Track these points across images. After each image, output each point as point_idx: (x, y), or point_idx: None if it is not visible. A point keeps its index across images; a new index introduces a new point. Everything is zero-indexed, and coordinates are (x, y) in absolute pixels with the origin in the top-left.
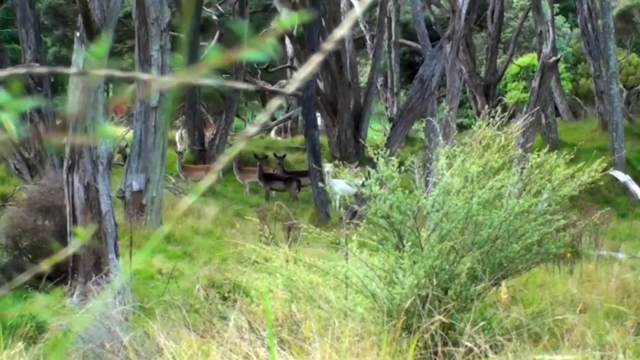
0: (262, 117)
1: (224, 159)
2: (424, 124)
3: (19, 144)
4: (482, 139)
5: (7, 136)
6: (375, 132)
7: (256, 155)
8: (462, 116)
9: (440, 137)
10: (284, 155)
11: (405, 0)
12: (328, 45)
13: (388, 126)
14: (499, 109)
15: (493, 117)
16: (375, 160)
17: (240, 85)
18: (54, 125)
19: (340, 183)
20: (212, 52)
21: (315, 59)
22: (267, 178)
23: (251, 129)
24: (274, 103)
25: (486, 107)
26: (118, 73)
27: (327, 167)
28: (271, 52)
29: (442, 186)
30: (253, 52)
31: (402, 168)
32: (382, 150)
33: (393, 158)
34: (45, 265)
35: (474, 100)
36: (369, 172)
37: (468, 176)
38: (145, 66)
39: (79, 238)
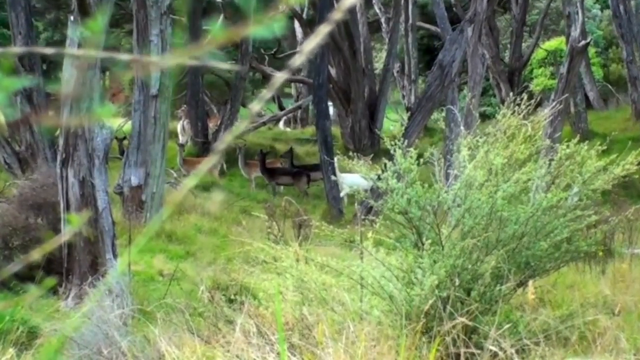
0: (266, 94)
1: (224, 142)
2: (443, 113)
3: (9, 135)
4: (507, 129)
5: None
6: (392, 122)
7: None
8: (484, 105)
9: (462, 127)
10: (291, 148)
11: None
12: (337, 15)
13: (405, 116)
14: (524, 96)
15: (518, 105)
16: (392, 152)
17: (238, 68)
18: (47, 113)
19: (351, 177)
20: (216, 29)
21: (323, 30)
22: (271, 172)
23: (255, 107)
24: (278, 79)
25: (511, 94)
26: (116, 54)
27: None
28: (277, 30)
29: (464, 179)
30: (259, 28)
31: (421, 160)
32: (399, 141)
33: (411, 149)
34: (36, 255)
35: (497, 87)
36: (385, 165)
37: (492, 168)
38: (145, 52)
39: (72, 225)
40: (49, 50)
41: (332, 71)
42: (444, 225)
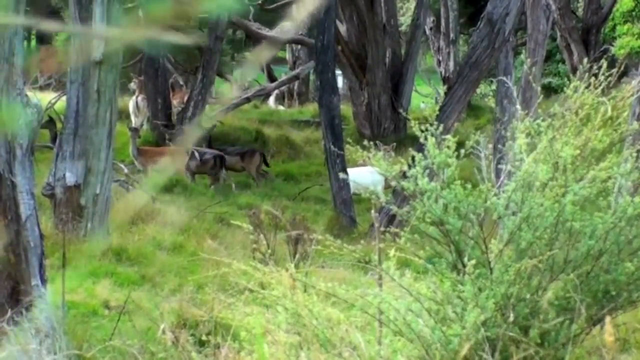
0: (251, 65)
1: (192, 131)
2: (493, 86)
3: None
4: (580, 108)
5: None
6: (423, 98)
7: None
8: (549, 74)
9: (518, 106)
10: (214, 126)
11: None
12: None
13: (441, 89)
14: (604, 63)
15: (596, 75)
16: (422, 139)
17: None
18: None
19: (355, 172)
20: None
21: None
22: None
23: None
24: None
25: (585, 60)
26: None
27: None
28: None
29: (520, 177)
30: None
31: (462, 151)
32: (433, 125)
33: (449, 137)
34: None
35: (567, 50)
36: (412, 158)
37: (559, 163)
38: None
39: None
40: None
41: (342, 28)
42: (493, 241)
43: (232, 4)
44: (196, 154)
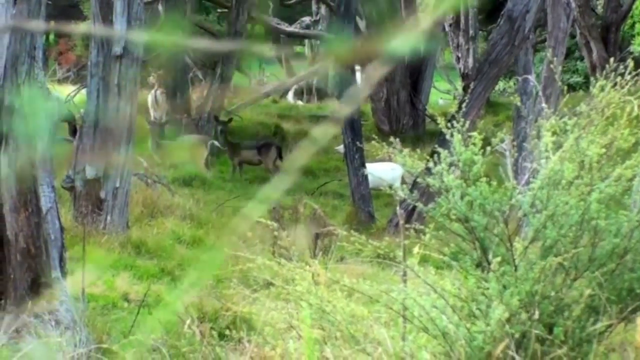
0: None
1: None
2: (511, 83)
3: None
4: (606, 107)
5: None
6: (441, 94)
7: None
8: (568, 71)
9: (544, 104)
10: (230, 120)
11: None
12: None
13: (460, 85)
14: (629, 62)
15: (622, 74)
16: (448, 135)
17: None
18: None
19: (377, 168)
20: None
21: None
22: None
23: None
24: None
25: (604, 57)
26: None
27: (340, 148)
28: None
29: (546, 175)
30: None
31: (489, 148)
32: (458, 120)
33: (475, 133)
34: None
35: (586, 47)
36: (435, 154)
37: (584, 161)
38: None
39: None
40: None
41: (361, 23)
42: (518, 238)
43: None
44: (248, 144)
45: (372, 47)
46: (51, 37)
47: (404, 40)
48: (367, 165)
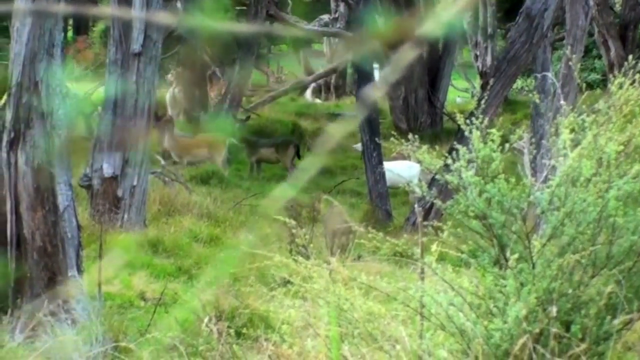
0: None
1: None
2: (529, 81)
3: None
4: (625, 105)
5: None
6: (459, 92)
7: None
8: (586, 69)
9: (562, 101)
10: (248, 118)
11: None
12: None
13: (478, 83)
14: None
15: None
16: (467, 132)
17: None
18: None
19: (395, 166)
20: None
21: None
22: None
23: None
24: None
25: (622, 55)
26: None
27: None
28: None
29: (564, 173)
30: None
31: (507, 145)
32: (476, 117)
33: (493, 131)
34: None
35: (604, 46)
36: (454, 151)
37: (602, 158)
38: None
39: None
40: None
41: (380, 21)
42: (536, 236)
43: None
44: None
45: (409, 26)
46: (69, 34)
47: (438, 22)
48: (385, 163)
